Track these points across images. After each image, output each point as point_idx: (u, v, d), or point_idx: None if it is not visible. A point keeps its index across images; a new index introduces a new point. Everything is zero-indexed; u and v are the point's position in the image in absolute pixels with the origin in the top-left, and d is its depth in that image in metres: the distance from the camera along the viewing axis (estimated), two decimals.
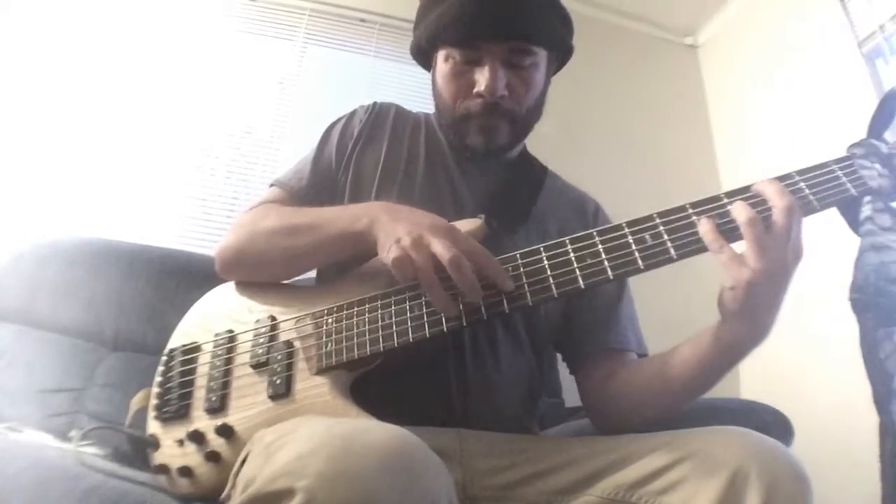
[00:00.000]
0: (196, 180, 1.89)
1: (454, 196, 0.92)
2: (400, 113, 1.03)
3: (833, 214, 0.66)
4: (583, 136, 2.09)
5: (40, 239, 1.42)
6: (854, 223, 0.65)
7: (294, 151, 1.03)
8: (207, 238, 1.78)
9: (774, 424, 0.93)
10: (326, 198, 0.93)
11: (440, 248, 0.66)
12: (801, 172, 0.65)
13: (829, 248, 1.26)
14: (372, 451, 0.48)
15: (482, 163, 0.94)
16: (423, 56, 0.96)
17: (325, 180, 0.95)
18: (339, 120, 1.02)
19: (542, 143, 1.04)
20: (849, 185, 0.64)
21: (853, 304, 0.62)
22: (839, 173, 0.64)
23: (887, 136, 0.66)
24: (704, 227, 0.63)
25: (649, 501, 0.63)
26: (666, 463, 0.63)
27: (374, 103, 1.03)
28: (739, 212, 0.63)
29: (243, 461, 0.63)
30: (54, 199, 1.69)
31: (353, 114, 1.02)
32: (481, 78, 0.85)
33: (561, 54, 0.96)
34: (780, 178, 0.65)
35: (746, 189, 0.66)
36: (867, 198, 0.63)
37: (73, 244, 1.41)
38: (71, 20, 1.86)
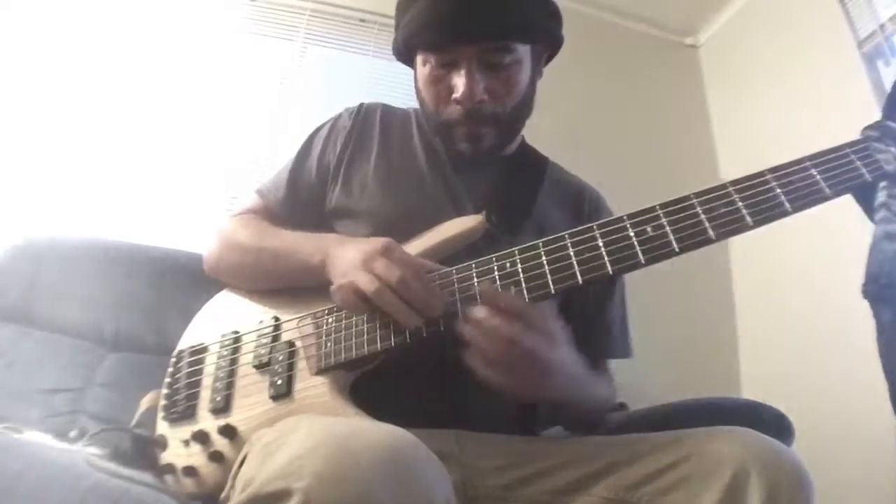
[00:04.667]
0: (196, 180, 1.88)
1: (452, 198, 0.90)
2: (387, 113, 0.99)
3: (844, 203, 0.61)
4: (583, 136, 2.08)
5: (40, 238, 1.41)
6: (870, 210, 0.60)
7: (294, 151, 1.02)
8: (207, 238, 1.78)
9: (775, 424, 0.93)
10: (307, 210, 0.93)
11: (383, 271, 0.67)
12: (812, 157, 0.62)
13: (837, 240, 1.26)
14: (369, 452, 0.47)
15: (478, 162, 0.92)
16: (404, 57, 0.94)
17: (304, 193, 0.94)
18: (321, 127, 1.00)
19: (542, 143, 1.04)
20: (863, 170, 0.59)
21: (867, 294, 0.57)
22: (853, 157, 0.60)
23: None
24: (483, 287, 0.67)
25: (650, 502, 0.63)
26: (667, 463, 0.63)
27: (361, 105, 1.00)
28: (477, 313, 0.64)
29: (242, 461, 0.63)
30: (54, 198, 1.69)
31: (337, 119, 0.99)
32: (458, 83, 0.82)
33: (548, 45, 0.92)
34: (791, 164, 0.62)
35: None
36: (883, 183, 0.59)
37: (72, 244, 1.40)
38: (70, 19, 1.85)
